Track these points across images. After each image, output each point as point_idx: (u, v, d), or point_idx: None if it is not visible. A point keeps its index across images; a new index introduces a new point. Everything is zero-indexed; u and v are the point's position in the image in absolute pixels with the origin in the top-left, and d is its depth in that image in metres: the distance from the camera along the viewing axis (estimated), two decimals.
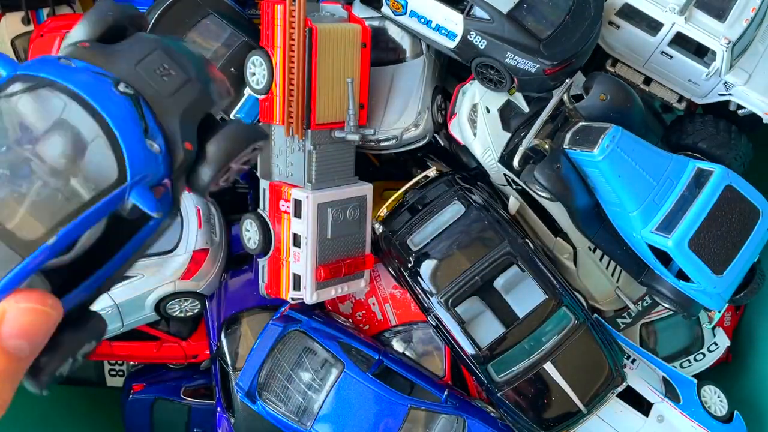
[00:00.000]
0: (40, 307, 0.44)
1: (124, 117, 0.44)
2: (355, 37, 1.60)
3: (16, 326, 0.43)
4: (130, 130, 0.44)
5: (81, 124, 0.44)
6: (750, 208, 1.44)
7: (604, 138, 1.39)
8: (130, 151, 0.43)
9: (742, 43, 1.52)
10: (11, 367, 0.43)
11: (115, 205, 0.43)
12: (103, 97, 0.44)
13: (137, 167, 0.43)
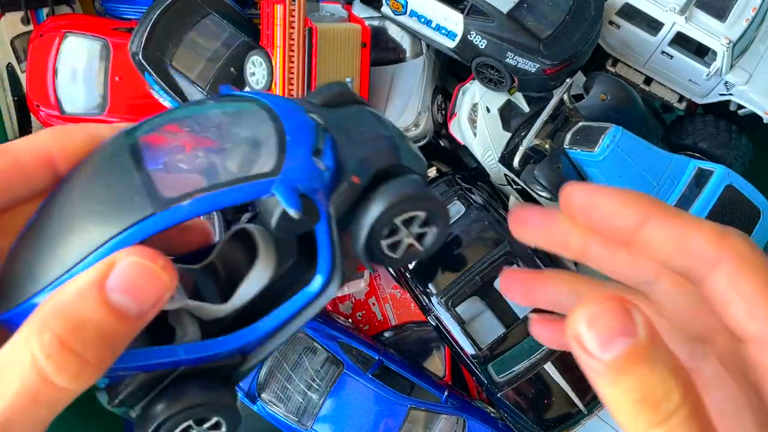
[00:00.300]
0: (149, 264, 0.39)
1: (300, 129, 0.44)
2: (355, 37, 1.60)
3: (122, 280, 0.38)
4: (300, 141, 0.43)
5: (261, 125, 0.44)
6: (751, 207, 1.44)
7: (605, 138, 1.39)
8: (292, 155, 0.42)
9: (743, 43, 1.52)
10: (115, 325, 0.38)
11: (258, 193, 0.42)
12: (288, 111, 0.44)
13: (292, 170, 0.42)
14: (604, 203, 0.47)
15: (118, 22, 1.75)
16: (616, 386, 0.39)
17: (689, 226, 0.45)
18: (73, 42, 1.68)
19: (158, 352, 0.43)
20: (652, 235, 0.46)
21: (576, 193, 0.49)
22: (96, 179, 0.44)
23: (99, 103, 1.68)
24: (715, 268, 0.44)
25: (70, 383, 0.37)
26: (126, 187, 0.42)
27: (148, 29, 1.57)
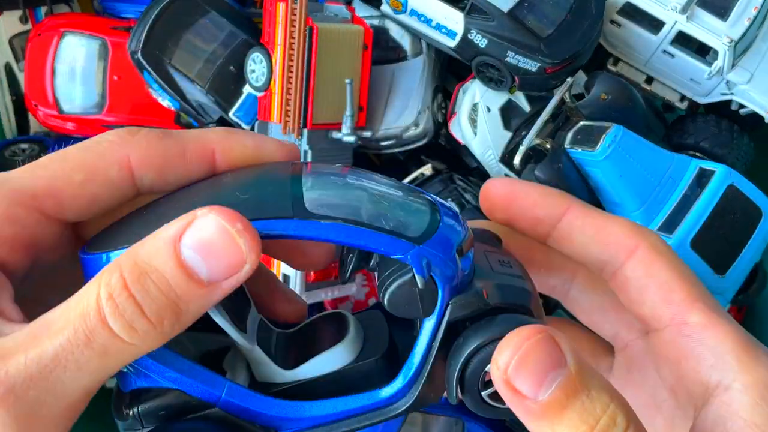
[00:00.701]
0: (227, 225, 0.36)
1: (453, 226, 0.44)
2: (356, 39, 1.59)
3: (197, 237, 0.36)
4: (450, 233, 0.43)
5: (421, 204, 0.45)
6: (752, 207, 1.43)
7: (606, 137, 1.39)
8: (439, 240, 0.42)
9: (744, 42, 1.51)
10: (182, 283, 0.36)
11: (394, 250, 0.41)
12: (447, 211, 0.45)
13: (434, 249, 0.41)
14: (525, 195, 0.50)
15: (117, 21, 1.74)
16: (560, 425, 0.37)
17: (606, 218, 0.49)
18: (72, 41, 1.68)
19: (203, 374, 0.41)
20: (572, 226, 0.49)
21: (498, 185, 0.52)
22: (248, 177, 0.44)
23: (97, 102, 1.68)
24: (631, 256, 0.47)
25: (123, 332, 0.35)
26: (274, 190, 0.41)
27: (147, 28, 1.56)
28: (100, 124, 1.69)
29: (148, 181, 0.43)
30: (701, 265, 1.39)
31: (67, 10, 1.81)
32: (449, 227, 0.43)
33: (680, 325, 0.45)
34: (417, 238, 0.41)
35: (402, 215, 0.42)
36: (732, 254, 1.42)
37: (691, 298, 0.45)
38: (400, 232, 0.41)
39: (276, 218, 0.39)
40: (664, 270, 0.46)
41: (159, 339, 0.37)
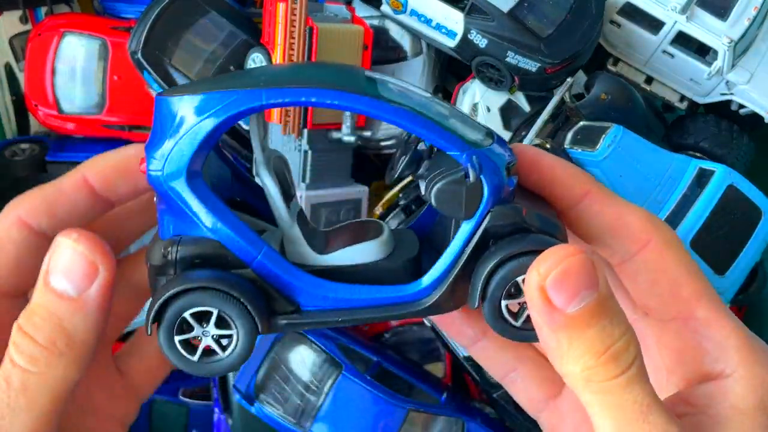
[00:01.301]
0: (71, 242, 0.43)
1: (504, 149, 0.48)
2: (356, 39, 1.59)
3: (56, 264, 0.43)
4: (502, 152, 0.48)
5: (478, 125, 0.50)
6: (752, 208, 1.43)
7: (606, 138, 1.39)
8: (493, 152, 0.47)
9: (744, 42, 1.51)
10: (58, 305, 0.42)
11: (452, 147, 0.45)
12: (500, 140, 0.50)
13: (488, 157, 0.45)
14: (550, 168, 0.50)
15: (117, 21, 1.74)
16: (578, 339, 0.40)
17: (623, 207, 0.49)
18: (72, 41, 1.68)
19: (246, 232, 0.44)
20: (590, 210, 0.49)
21: (525, 150, 0.51)
22: (331, 66, 0.49)
23: (97, 102, 1.68)
24: (644, 248, 0.47)
25: (27, 363, 0.41)
26: (351, 77, 0.46)
27: (147, 28, 1.56)
28: (100, 124, 1.69)
29: (45, 224, 0.49)
30: (701, 265, 1.39)
31: (67, 10, 1.81)
32: (501, 147, 0.47)
33: (687, 319, 0.46)
34: (474, 143, 0.44)
35: (462, 126, 0.46)
36: (732, 254, 1.42)
37: (698, 294, 0.46)
38: (460, 134, 0.44)
39: (350, 92, 0.41)
40: (674, 265, 0.47)
41: (63, 360, 0.42)
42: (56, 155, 1.68)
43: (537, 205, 0.49)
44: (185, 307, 0.42)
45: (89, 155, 1.78)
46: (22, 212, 0.48)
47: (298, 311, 0.45)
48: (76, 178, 0.50)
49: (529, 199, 0.48)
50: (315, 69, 0.47)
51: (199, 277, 0.42)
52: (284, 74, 0.45)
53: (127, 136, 1.69)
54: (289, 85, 0.41)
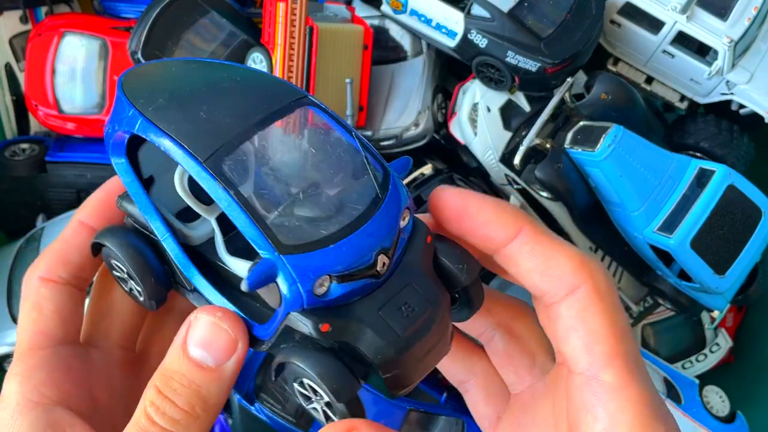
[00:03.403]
0: (218, 321, 0.46)
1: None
2: (356, 39, 1.59)
3: (197, 335, 0.46)
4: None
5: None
6: (752, 207, 1.43)
7: (606, 137, 1.39)
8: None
9: (744, 42, 1.51)
10: (197, 375, 0.46)
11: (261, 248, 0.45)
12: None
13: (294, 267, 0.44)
14: (478, 210, 0.48)
15: (117, 21, 1.74)
16: None
17: (556, 248, 0.47)
18: (72, 41, 1.68)
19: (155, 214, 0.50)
20: (520, 250, 0.47)
21: (451, 197, 0.49)
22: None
23: (97, 102, 1.68)
24: (571, 294, 0.46)
25: (168, 424, 0.45)
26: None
27: (147, 28, 1.56)
28: (101, 124, 1.69)
29: (63, 273, 0.55)
30: (701, 265, 1.39)
31: (67, 10, 1.81)
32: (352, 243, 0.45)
33: (592, 378, 0.44)
34: (288, 248, 0.43)
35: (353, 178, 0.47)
36: (732, 254, 1.42)
37: (613, 353, 0.44)
38: (274, 234, 0.43)
39: (191, 154, 0.43)
40: (596, 316, 0.45)
41: (198, 423, 0.46)
42: (56, 155, 1.68)
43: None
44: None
45: (89, 155, 1.78)
46: (40, 272, 0.54)
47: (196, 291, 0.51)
48: (72, 224, 0.55)
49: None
50: (209, 103, 0.46)
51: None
52: (180, 96, 0.47)
53: None
54: (156, 121, 0.44)
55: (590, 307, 0.45)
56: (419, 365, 0.46)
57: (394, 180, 0.47)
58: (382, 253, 0.44)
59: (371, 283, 0.44)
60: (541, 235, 0.47)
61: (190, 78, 0.49)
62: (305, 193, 0.45)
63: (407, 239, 0.47)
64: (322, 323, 0.43)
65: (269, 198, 0.44)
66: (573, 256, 0.46)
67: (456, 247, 0.48)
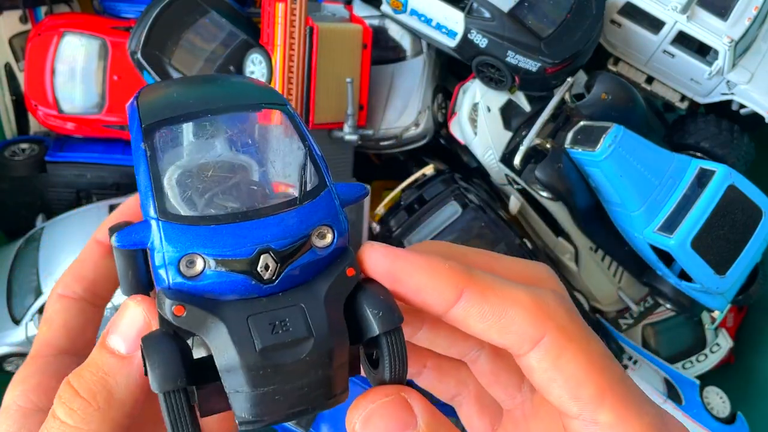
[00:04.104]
0: (130, 301, 0.45)
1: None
2: (356, 38, 1.59)
3: (116, 324, 0.45)
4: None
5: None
6: (753, 207, 1.43)
7: (606, 137, 1.39)
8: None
9: (745, 42, 1.51)
10: (109, 361, 0.44)
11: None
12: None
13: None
14: (409, 277, 0.43)
15: (117, 20, 1.74)
16: None
17: (506, 300, 0.43)
18: (72, 41, 1.68)
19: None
20: (468, 313, 0.43)
21: (376, 262, 0.44)
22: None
23: (97, 102, 1.68)
24: (536, 345, 0.42)
25: (65, 415, 0.42)
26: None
27: (147, 28, 1.56)
28: (100, 124, 1.69)
29: (79, 290, 0.55)
30: (702, 265, 1.39)
31: (66, 9, 1.81)
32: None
33: (588, 422, 0.42)
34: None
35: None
36: (732, 254, 1.42)
37: (601, 391, 0.41)
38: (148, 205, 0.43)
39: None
40: (572, 361, 0.42)
41: (98, 416, 0.42)
42: (56, 155, 1.68)
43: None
44: None
45: (89, 155, 1.78)
46: (59, 289, 0.55)
47: None
48: (89, 244, 0.57)
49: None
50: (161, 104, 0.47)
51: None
52: (170, 93, 0.48)
53: (127, 135, 1.69)
54: (140, 109, 0.46)
55: (562, 354, 0.42)
56: (274, 397, 0.40)
57: (326, 195, 0.44)
58: (266, 253, 0.41)
59: (251, 286, 0.41)
60: (487, 292, 0.43)
61: (192, 81, 0.51)
62: (220, 176, 0.44)
63: (321, 262, 0.43)
64: (177, 305, 0.40)
65: (182, 170, 0.43)
66: (526, 305, 0.42)
67: (380, 292, 0.43)
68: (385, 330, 0.41)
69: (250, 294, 0.41)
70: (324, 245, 0.43)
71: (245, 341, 0.39)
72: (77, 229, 1.52)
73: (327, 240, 0.43)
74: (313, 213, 0.43)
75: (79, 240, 1.49)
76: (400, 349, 0.42)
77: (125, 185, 1.66)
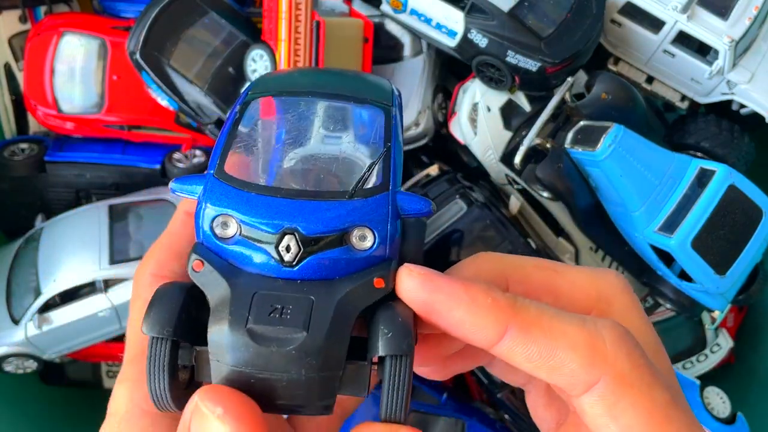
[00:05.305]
0: (208, 412, 0.38)
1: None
2: (357, 32, 1.59)
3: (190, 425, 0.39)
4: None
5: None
6: (753, 207, 1.43)
7: (606, 137, 1.38)
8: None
9: (745, 42, 1.51)
10: None
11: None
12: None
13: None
14: (448, 311, 0.39)
15: (117, 20, 1.74)
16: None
17: (555, 341, 0.38)
18: (71, 40, 1.67)
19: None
20: (512, 351, 0.39)
21: (412, 290, 0.40)
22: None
23: (96, 102, 1.67)
24: (588, 389, 0.38)
25: None
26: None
27: (146, 28, 1.56)
28: (100, 123, 1.68)
29: (177, 268, 0.50)
30: (702, 265, 1.39)
31: (66, 9, 1.80)
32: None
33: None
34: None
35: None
36: (733, 254, 1.41)
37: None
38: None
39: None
40: (630, 409, 0.37)
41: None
42: (55, 155, 1.68)
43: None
44: None
45: (88, 155, 1.77)
46: (152, 269, 0.49)
47: None
48: (178, 216, 0.51)
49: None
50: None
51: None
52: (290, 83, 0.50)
53: (126, 135, 1.69)
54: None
55: (619, 402, 0.37)
56: (249, 380, 0.38)
57: (381, 199, 0.42)
58: (290, 234, 0.40)
59: (271, 264, 0.40)
60: (533, 331, 0.38)
61: (313, 69, 0.54)
62: (293, 154, 0.44)
63: (355, 263, 0.41)
64: (198, 260, 0.41)
65: (261, 141, 0.44)
66: (578, 346, 0.38)
67: (402, 313, 0.40)
68: (389, 353, 0.38)
69: (269, 272, 0.41)
70: (362, 247, 0.41)
71: (239, 315, 0.38)
72: (77, 229, 1.52)
73: (366, 243, 0.41)
74: (358, 211, 0.41)
75: (78, 240, 1.48)
76: (402, 380, 0.39)
77: (125, 185, 1.65)
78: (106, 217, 1.52)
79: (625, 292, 0.44)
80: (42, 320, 1.49)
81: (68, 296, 1.48)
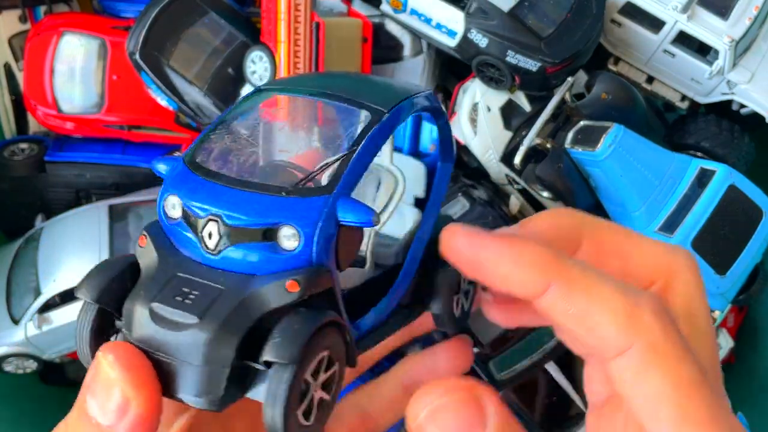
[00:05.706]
0: (106, 368, 0.39)
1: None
2: (356, 32, 1.59)
3: (93, 384, 0.40)
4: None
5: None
6: (753, 207, 1.43)
7: (606, 137, 1.38)
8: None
9: (745, 42, 1.51)
10: (87, 430, 0.40)
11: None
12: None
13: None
14: (494, 266, 0.41)
15: (117, 20, 1.74)
16: None
17: (595, 300, 0.39)
18: (71, 40, 1.67)
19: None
20: (554, 307, 0.40)
21: (459, 246, 0.42)
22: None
23: (96, 102, 1.67)
24: (621, 354, 0.39)
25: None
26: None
27: (146, 28, 1.56)
28: (100, 123, 1.68)
29: None
30: (702, 265, 1.39)
31: (66, 9, 1.80)
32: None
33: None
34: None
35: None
36: (733, 254, 1.42)
37: (682, 416, 0.38)
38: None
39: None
40: (657, 378, 0.38)
41: None
42: (55, 155, 1.68)
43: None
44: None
45: (88, 155, 1.77)
46: None
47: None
48: None
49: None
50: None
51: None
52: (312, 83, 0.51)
53: (126, 135, 1.69)
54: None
55: (647, 370, 0.38)
56: (151, 360, 0.39)
57: (320, 201, 0.41)
58: (214, 221, 0.40)
59: (197, 250, 0.40)
60: (575, 288, 0.39)
61: (325, 72, 0.55)
62: (254, 145, 0.45)
63: (280, 262, 0.40)
64: (142, 235, 0.42)
65: (238, 133, 0.45)
66: (616, 310, 0.39)
67: (299, 321, 0.39)
68: (273, 359, 0.38)
69: (197, 257, 0.41)
70: (288, 247, 0.40)
71: (150, 292, 0.39)
72: (77, 229, 1.52)
73: (291, 243, 0.40)
74: (289, 209, 0.40)
75: (78, 240, 1.48)
76: (282, 388, 0.37)
77: (125, 185, 1.65)
78: (106, 217, 1.52)
79: (693, 271, 0.44)
80: (42, 320, 1.49)
81: (68, 296, 1.48)
